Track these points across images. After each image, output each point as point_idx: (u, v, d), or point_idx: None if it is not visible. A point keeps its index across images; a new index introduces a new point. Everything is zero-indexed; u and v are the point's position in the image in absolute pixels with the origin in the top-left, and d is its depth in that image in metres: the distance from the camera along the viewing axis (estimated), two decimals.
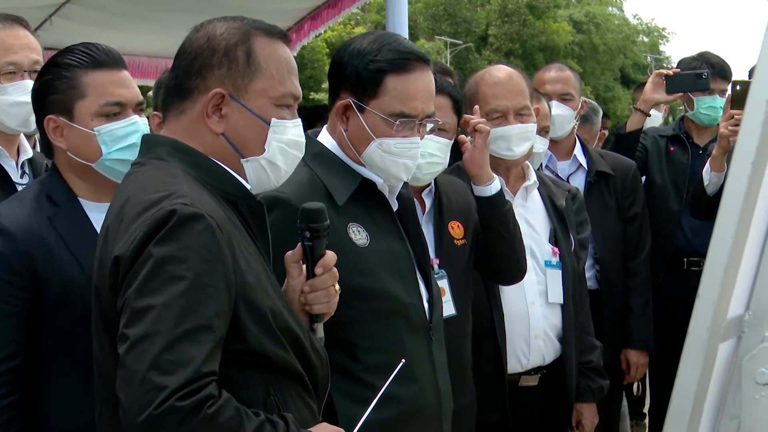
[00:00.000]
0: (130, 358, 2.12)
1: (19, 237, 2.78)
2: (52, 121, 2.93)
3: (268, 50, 2.51)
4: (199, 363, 2.11)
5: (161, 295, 2.15)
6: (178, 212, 2.22)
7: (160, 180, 2.37)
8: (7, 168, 3.55)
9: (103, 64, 2.94)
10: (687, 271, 5.44)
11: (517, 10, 56.28)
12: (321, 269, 2.60)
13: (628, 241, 5.17)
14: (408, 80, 3.05)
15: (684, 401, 1.63)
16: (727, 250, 1.61)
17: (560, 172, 5.09)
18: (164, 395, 2.06)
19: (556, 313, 4.11)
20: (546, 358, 4.08)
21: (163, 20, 8.78)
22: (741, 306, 1.73)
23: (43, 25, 9.04)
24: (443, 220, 3.68)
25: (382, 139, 3.04)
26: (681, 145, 5.62)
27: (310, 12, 9.49)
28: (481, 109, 3.96)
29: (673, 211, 5.48)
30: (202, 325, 2.15)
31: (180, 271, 2.17)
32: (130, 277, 2.20)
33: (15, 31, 3.58)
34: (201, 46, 2.49)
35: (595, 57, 57.69)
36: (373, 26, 48.18)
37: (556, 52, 56.59)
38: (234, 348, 2.27)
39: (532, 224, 4.12)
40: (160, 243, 2.19)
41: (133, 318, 2.15)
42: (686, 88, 5.49)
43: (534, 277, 4.06)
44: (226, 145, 2.48)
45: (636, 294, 5.17)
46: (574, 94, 5.17)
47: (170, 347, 2.10)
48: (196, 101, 2.47)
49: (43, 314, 2.79)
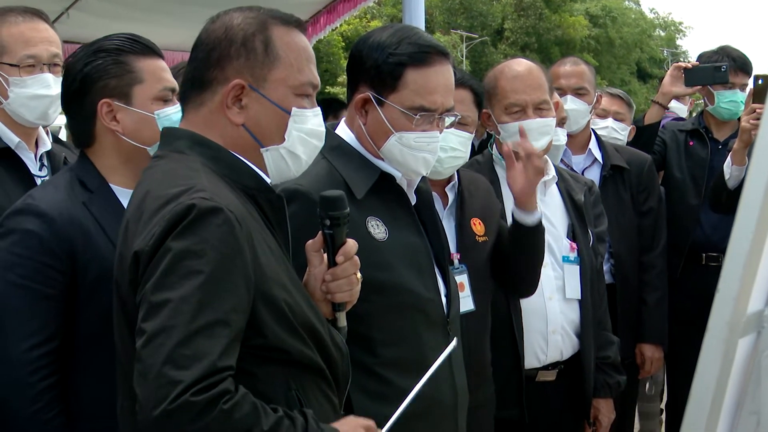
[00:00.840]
0: (146, 351, 2.11)
1: (58, 220, 2.82)
2: (106, 104, 2.96)
3: (285, 39, 2.50)
4: (214, 357, 2.10)
5: (178, 290, 2.14)
6: (197, 206, 2.21)
7: (179, 174, 2.36)
8: (26, 160, 3.57)
9: (152, 52, 3.03)
10: (705, 266, 5.43)
11: (533, 4, 56.24)
12: (342, 257, 2.59)
13: (642, 235, 5.15)
14: (428, 74, 3.04)
15: (703, 397, 1.62)
16: (747, 244, 1.60)
17: (575, 166, 5.07)
18: (179, 390, 2.06)
19: (574, 309, 4.10)
20: (564, 353, 4.07)
21: (179, 13, 8.79)
22: (761, 301, 1.72)
23: (60, 18, 9.07)
24: (465, 215, 3.68)
25: (402, 133, 3.03)
26: (700, 140, 5.60)
27: (326, 5, 9.48)
28: (500, 103, 3.97)
29: (692, 205, 5.47)
30: (219, 320, 2.14)
31: (198, 266, 2.16)
32: (149, 271, 2.20)
33: (35, 24, 3.59)
34: (218, 37, 2.48)
35: (611, 51, 57.63)
36: (389, 20, 48.26)
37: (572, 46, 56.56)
38: (253, 343, 2.26)
39: (550, 219, 4.10)
40: (179, 237, 2.18)
41: (150, 312, 2.15)
42: (705, 81, 5.48)
43: (551, 272, 4.05)
44: (246, 135, 2.47)
45: (650, 288, 5.15)
46: (589, 88, 5.16)
47: (186, 341, 2.10)
48: (215, 92, 2.46)
49: (81, 298, 2.82)
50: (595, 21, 60.94)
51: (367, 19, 47.10)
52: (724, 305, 1.61)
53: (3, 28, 3.55)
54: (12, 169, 3.52)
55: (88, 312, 2.82)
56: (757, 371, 1.71)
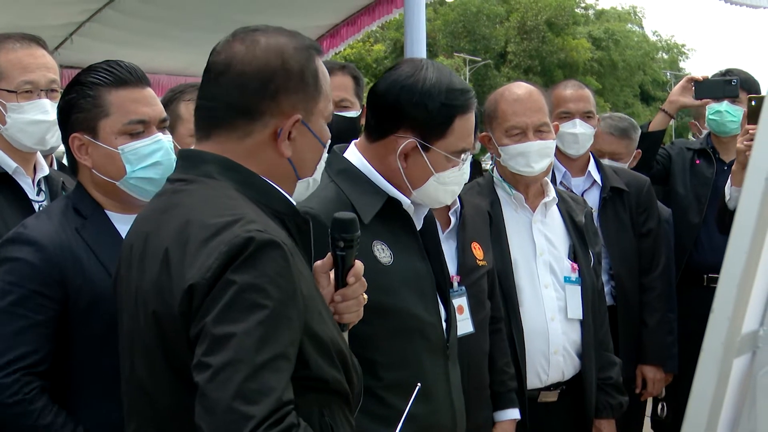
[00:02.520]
0: (213, 386, 2.08)
1: (50, 248, 2.82)
2: (77, 139, 2.96)
3: (322, 69, 2.49)
4: (280, 392, 2.09)
5: (242, 323, 2.11)
6: (255, 239, 2.17)
7: (219, 202, 2.32)
8: (23, 185, 3.58)
9: (126, 82, 2.96)
10: (707, 288, 5.40)
11: (536, 27, 56.27)
12: (353, 278, 2.60)
13: (642, 257, 5.15)
14: (470, 119, 3.15)
15: (699, 416, 1.64)
16: (741, 265, 1.62)
17: (574, 189, 5.09)
18: (252, 425, 2.03)
19: (576, 329, 4.11)
20: (565, 373, 4.08)
21: (182, 38, 8.84)
22: (755, 321, 1.74)
23: (63, 44, 9.12)
24: (466, 239, 3.71)
25: (439, 173, 3.11)
26: (707, 159, 5.62)
27: (329, 30, 9.54)
28: (501, 126, 4.02)
29: (693, 223, 5.48)
30: (281, 354, 2.13)
31: (260, 299, 2.13)
32: (208, 304, 2.15)
33: (32, 50, 3.60)
34: (275, 68, 2.40)
35: (614, 73, 57.65)
36: (392, 44, 48.36)
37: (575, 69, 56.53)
38: (297, 374, 2.22)
39: (551, 240, 4.14)
40: (240, 270, 2.15)
41: (213, 346, 2.11)
42: (715, 94, 5.49)
43: (553, 293, 4.08)
44: (287, 167, 2.45)
45: (651, 309, 5.14)
46: (594, 111, 5.20)
47: (254, 376, 2.07)
48: (266, 124, 2.40)
49: (73, 324, 2.82)
50: (598, 44, 60.96)
51: (370, 43, 47.21)
52: (719, 325, 1.62)
53: (1, 54, 3.57)
54: (10, 195, 3.53)
55: (83, 336, 2.83)
56: (752, 390, 1.72)
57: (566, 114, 5.09)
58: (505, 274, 4.02)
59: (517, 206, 4.15)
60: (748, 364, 1.75)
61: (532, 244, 4.11)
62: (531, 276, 4.08)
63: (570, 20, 59.49)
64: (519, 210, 4.15)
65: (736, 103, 5.47)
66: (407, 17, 6.50)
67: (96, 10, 8.65)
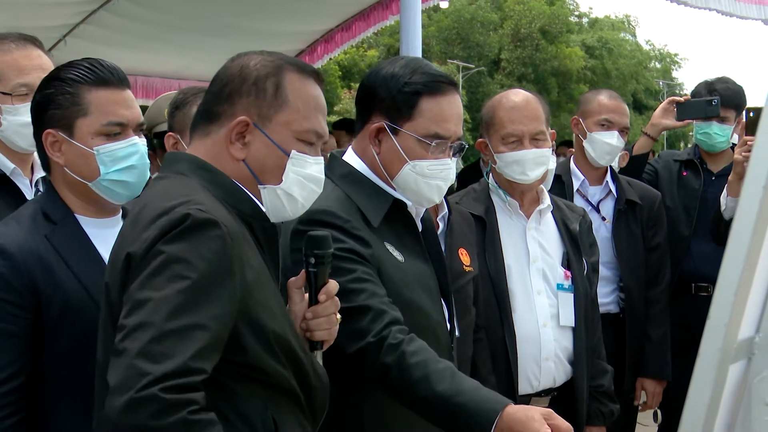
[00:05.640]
0: (123, 344, 2.15)
1: (18, 256, 2.74)
2: (50, 135, 2.88)
3: (297, 85, 2.56)
4: (186, 357, 2.13)
5: (161, 291, 2.19)
6: (192, 216, 2.27)
7: (177, 190, 2.42)
8: (21, 186, 3.55)
9: (107, 82, 2.90)
10: (695, 296, 5.45)
11: (530, 35, 56.43)
12: (324, 296, 2.63)
13: (649, 270, 5.17)
14: (441, 102, 3.10)
15: (695, 422, 1.64)
16: (738, 272, 1.62)
17: (591, 198, 5.10)
18: (146, 381, 2.08)
19: (568, 336, 4.11)
20: (557, 380, 4.08)
21: (177, 42, 8.83)
22: (751, 328, 1.74)
23: (57, 45, 9.11)
24: (454, 245, 3.72)
25: (416, 161, 3.08)
26: (694, 171, 5.63)
27: (323, 35, 9.55)
28: (498, 133, 4.02)
29: (683, 235, 5.48)
30: (197, 324, 2.18)
31: (185, 271, 2.21)
32: (136, 271, 2.25)
33: (28, 51, 3.56)
34: (233, 74, 2.56)
35: (607, 82, 57.76)
36: (386, 49, 48.41)
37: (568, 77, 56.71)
38: (233, 359, 2.29)
39: (545, 247, 4.14)
40: (170, 242, 2.25)
41: (131, 309, 2.20)
42: (697, 115, 5.51)
43: (546, 300, 4.08)
44: (245, 170, 2.53)
45: (656, 323, 5.16)
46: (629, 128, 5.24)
47: (160, 338, 2.13)
48: (221, 126, 2.53)
49: (45, 333, 2.75)
50: (591, 52, 61.15)
51: (363, 49, 47.24)
52: (716, 332, 1.62)
53: None
54: (8, 196, 3.49)
55: (54, 346, 2.75)
56: (747, 397, 1.72)
57: (608, 123, 5.12)
58: (498, 279, 4.02)
59: (511, 213, 4.15)
60: (744, 371, 1.75)
61: (526, 251, 4.12)
62: (524, 282, 4.08)
63: (564, 28, 59.71)
64: (513, 216, 4.15)
65: (725, 123, 5.50)
66: (403, 23, 6.52)
67: (90, 12, 8.65)
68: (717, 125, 5.48)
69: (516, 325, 4.00)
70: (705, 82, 5.73)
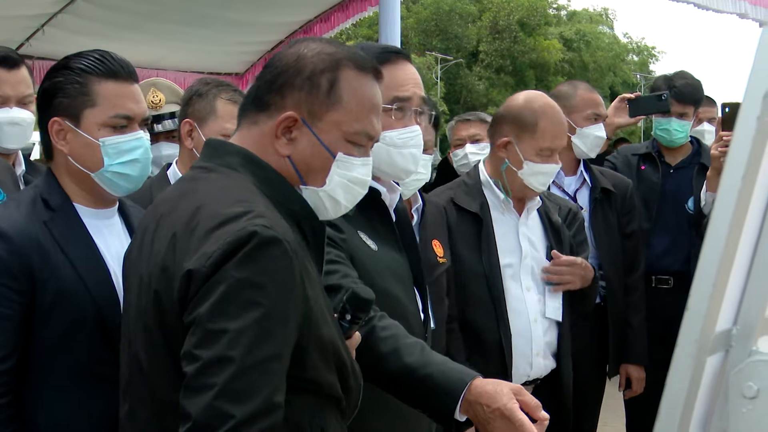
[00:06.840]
0: (202, 380, 2.08)
1: (16, 239, 2.75)
2: (57, 123, 2.89)
3: (354, 84, 2.45)
4: (268, 394, 2.09)
5: (237, 320, 2.09)
6: (258, 234, 2.16)
7: (234, 192, 2.32)
8: None
9: (116, 75, 2.91)
10: (655, 288, 5.53)
11: (508, 27, 56.49)
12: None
13: (626, 258, 5.20)
14: (395, 70, 3.04)
15: (672, 413, 1.64)
16: (716, 264, 1.62)
17: (566, 188, 5.12)
18: (232, 424, 2.03)
19: (554, 330, 4.17)
20: (543, 372, 4.16)
21: (155, 32, 8.80)
22: (729, 320, 1.74)
23: (35, 35, 9.06)
24: (427, 236, 3.72)
25: (384, 132, 2.95)
26: (652, 164, 5.71)
27: (302, 26, 9.52)
28: (537, 142, 4.06)
29: (644, 229, 5.52)
30: (274, 355, 2.12)
31: (257, 297, 2.12)
32: (203, 293, 2.15)
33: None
34: (288, 63, 2.45)
35: (585, 75, 57.89)
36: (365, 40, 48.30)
37: (546, 69, 56.77)
38: (292, 373, 2.21)
39: (533, 242, 4.17)
40: (239, 265, 2.14)
41: (205, 339, 2.10)
42: (648, 110, 5.62)
43: (535, 295, 4.12)
44: (290, 167, 2.43)
45: (635, 310, 5.20)
46: None
47: (241, 375, 2.07)
48: (270, 117, 2.43)
49: (36, 318, 2.75)
50: (569, 45, 61.27)
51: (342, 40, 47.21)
52: (693, 323, 1.62)
53: None
54: None
55: (45, 331, 2.76)
56: (725, 389, 1.72)
57: (598, 116, 5.16)
58: (493, 277, 4.03)
59: (504, 209, 4.16)
60: (721, 362, 1.75)
61: (519, 248, 4.14)
62: (516, 279, 4.11)
63: (542, 21, 59.79)
64: (506, 213, 4.17)
65: (684, 118, 5.60)
66: (382, 14, 6.53)
67: (68, 2, 8.60)
68: (676, 121, 5.59)
69: (510, 323, 4.03)
70: (664, 77, 5.84)
